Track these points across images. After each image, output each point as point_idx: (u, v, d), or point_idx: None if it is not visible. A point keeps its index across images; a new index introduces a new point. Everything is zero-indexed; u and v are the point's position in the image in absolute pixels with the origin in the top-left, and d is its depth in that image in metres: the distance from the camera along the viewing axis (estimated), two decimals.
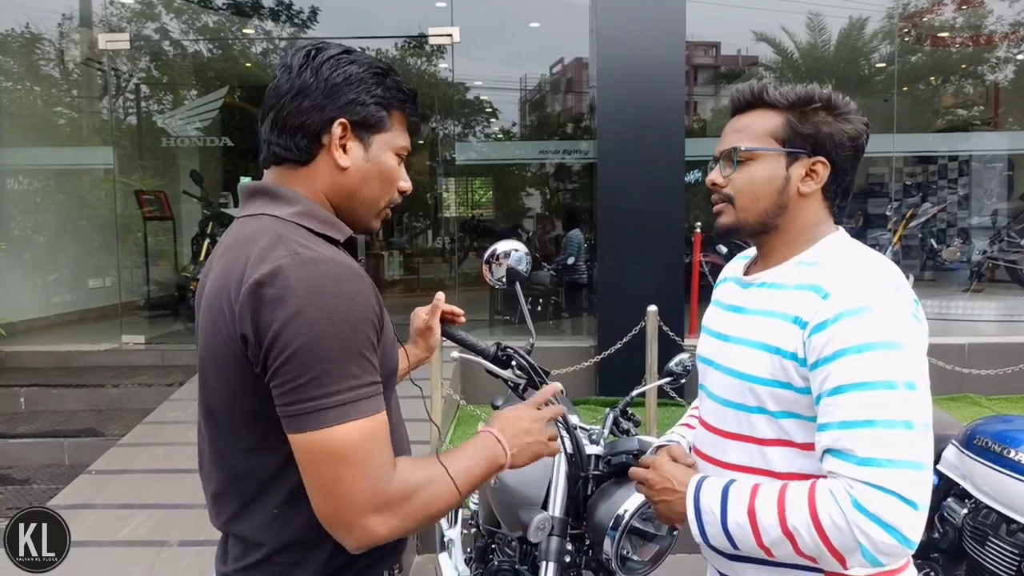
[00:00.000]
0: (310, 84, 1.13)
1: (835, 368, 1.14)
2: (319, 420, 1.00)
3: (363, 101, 1.15)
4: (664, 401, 5.06)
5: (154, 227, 8.63)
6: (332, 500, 1.02)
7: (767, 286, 1.31)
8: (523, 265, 1.81)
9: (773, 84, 1.29)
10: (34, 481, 4.43)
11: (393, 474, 1.06)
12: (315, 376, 1.00)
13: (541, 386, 1.69)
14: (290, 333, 1.00)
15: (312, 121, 1.13)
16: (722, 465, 1.32)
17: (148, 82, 9.47)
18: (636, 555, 1.67)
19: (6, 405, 5.43)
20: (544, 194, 11.54)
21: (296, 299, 1.00)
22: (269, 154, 1.18)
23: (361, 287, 1.06)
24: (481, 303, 8.71)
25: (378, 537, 1.04)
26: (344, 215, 1.21)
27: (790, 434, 1.23)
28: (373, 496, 1.02)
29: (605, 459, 1.74)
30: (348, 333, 1.02)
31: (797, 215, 1.28)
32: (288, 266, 1.02)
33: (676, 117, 5.88)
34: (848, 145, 1.26)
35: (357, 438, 1.01)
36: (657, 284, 5.60)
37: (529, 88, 10.97)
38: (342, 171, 1.16)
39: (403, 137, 1.22)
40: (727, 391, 1.32)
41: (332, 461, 1.01)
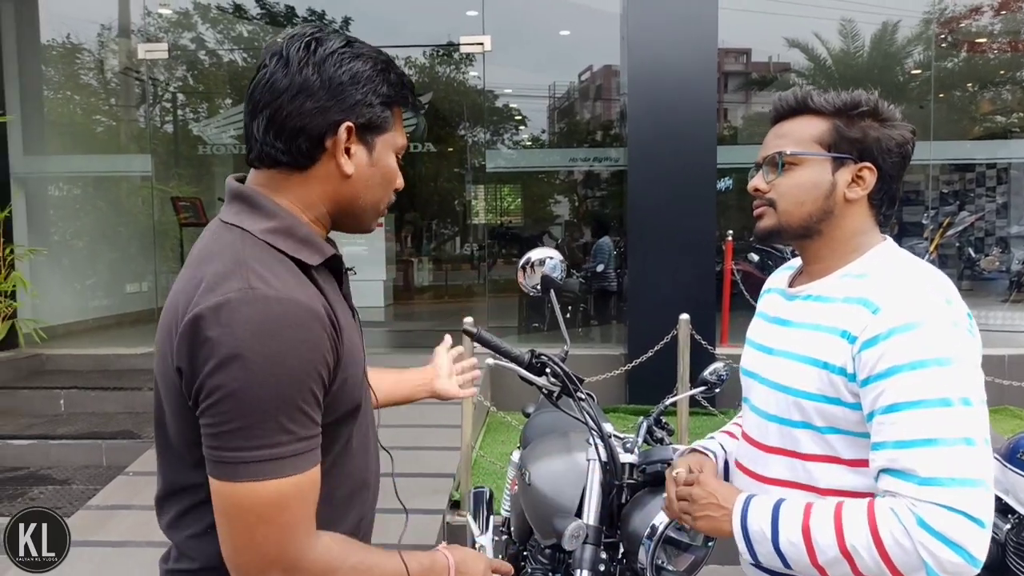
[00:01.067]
0: (313, 82, 1.02)
1: (889, 386, 1.12)
2: (237, 472, 0.94)
3: (370, 102, 1.06)
4: (696, 410, 5.03)
5: (190, 233, 8.76)
6: (240, 554, 0.97)
7: (813, 299, 1.29)
8: (558, 272, 1.82)
9: (817, 91, 1.28)
10: (73, 482, 4.52)
11: (313, 542, 1.00)
12: (242, 427, 0.92)
13: (575, 394, 1.70)
14: (223, 376, 0.92)
15: (315, 124, 1.03)
16: (763, 480, 1.32)
17: (184, 91, 9.65)
18: (671, 565, 1.66)
19: (46, 407, 5.55)
20: (573, 201, 11.53)
21: (236, 340, 0.92)
22: (261, 155, 1.06)
23: (313, 332, 0.96)
24: (511, 310, 8.72)
25: None
26: (341, 221, 1.13)
27: (836, 450, 1.22)
28: (282, 558, 0.97)
29: (640, 468, 1.74)
30: (287, 385, 0.94)
31: (842, 221, 1.27)
32: (236, 301, 0.93)
33: (708, 124, 5.86)
34: (895, 152, 1.25)
35: (275, 497, 0.94)
36: (688, 292, 5.57)
37: (558, 96, 10.99)
38: (346, 178, 1.07)
39: (402, 135, 1.15)
40: (771, 405, 1.31)
41: (244, 515, 0.95)
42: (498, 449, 4.66)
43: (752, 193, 1.34)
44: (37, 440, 4.91)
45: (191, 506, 1.07)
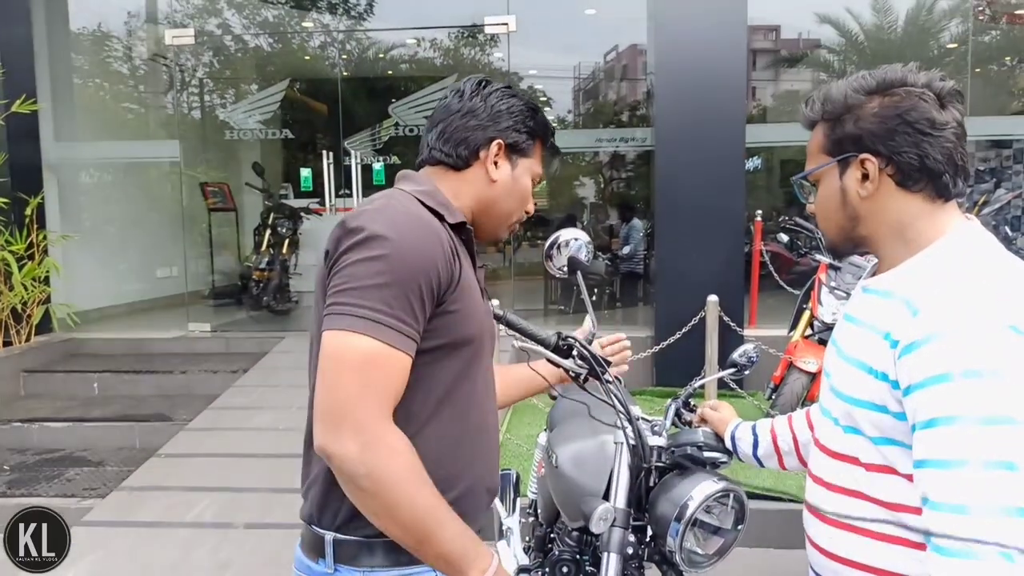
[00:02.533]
0: (478, 107, 1.34)
1: (925, 398, 1.01)
2: (339, 322, 1.11)
3: (518, 128, 1.36)
4: (724, 392, 4.98)
5: (218, 218, 8.87)
6: (328, 394, 1.12)
7: (876, 293, 1.19)
8: (584, 254, 1.79)
9: (813, 96, 1.21)
10: (107, 463, 4.61)
11: (385, 418, 1.12)
12: (355, 287, 1.12)
13: (602, 376, 1.68)
14: (356, 251, 1.14)
15: (475, 137, 1.33)
16: (831, 487, 1.22)
17: (211, 76, 9.71)
18: (700, 548, 1.64)
19: (81, 390, 5.66)
20: (599, 183, 11.45)
21: (371, 229, 1.14)
22: (428, 156, 1.37)
23: (432, 246, 1.17)
24: (536, 292, 8.71)
25: (335, 450, 1.09)
26: (480, 222, 1.38)
27: (892, 462, 1.11)
28: (356, 410, 1.09)
29: (668, 450, 1.71)
30: (401, 271, 1.12)
31: (879, 219, 1.16)
32: (377, 208, 1.19)
33: (737, 103, 5.76)
34: (895, 127, 1.11)
35: (365, 352, 1.10)
36: (716, 273, 5.50)
37: (584, 76, 10.88)
38: (491, 183, 1.35)
39: (539, 165, 1.43)
40: (835, 408, 1.22)
41: (337, 360, 1.11)
42: (524, 431, 4.66)
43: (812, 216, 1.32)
44: (72, 423, 5.02)
45: None
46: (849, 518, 1.18)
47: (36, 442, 4.94)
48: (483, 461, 1.34)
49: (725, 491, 1.61)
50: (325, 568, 1.24)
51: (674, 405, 1.97)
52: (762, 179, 8.23)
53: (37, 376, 5.78)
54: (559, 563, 1.87)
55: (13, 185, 6.04)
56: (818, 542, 1.25)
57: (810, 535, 1.28)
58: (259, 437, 4.40)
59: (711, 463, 1.70)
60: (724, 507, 1.64)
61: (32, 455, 4.78)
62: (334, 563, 1.23)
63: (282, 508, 3.62)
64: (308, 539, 1.28)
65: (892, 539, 1.12)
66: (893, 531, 1.12)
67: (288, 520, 3.49)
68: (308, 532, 1.28)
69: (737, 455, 1.68)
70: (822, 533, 1.23)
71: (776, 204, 9.82)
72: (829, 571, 1.23)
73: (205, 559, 3.24)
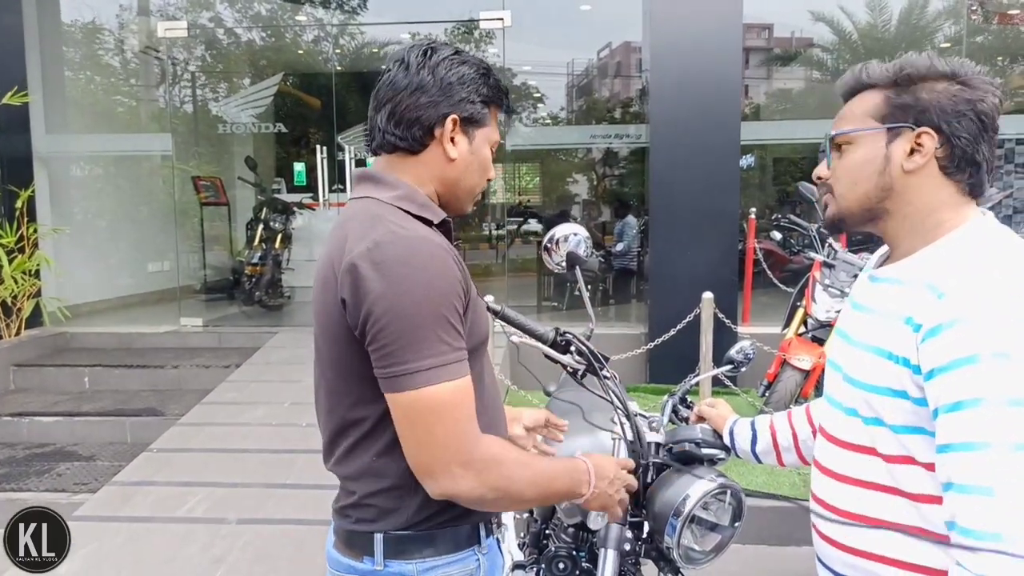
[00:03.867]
0: (427, 82, 1.24)
1: (949, 381, 1.01)
2: (413, 381, 1.12)
3: (472, 99, 1.27)
4: (718, 389, 4.99)
5: (210, 212, 8.81)
6: (424, 451, 1.15)
7: (891, 282, 1.18)
8: (583, 249, 1.79)
9: (873, 64, 1.19)
10: (98, 458, 4.58)
11: (479, 438, 1.18)
12: (408, 342, 1.11)
13: (600, 372, 1.67)
14: (386, 303, 1.11)
15: (427, 115, 1.25)
16: (845, 480, 1.20)
17: (204, 70, 9.65)
18: (697, 545, 1.64)
19: (71, 384, 5.62)
20: (592, 180, 11.45)
21: (391, 271, 1.11)
22: (383, 142, 1.28)
23: (449, 263, 1.16)
24: (529, 289, 8.70)
25: (459, 489, 1.16)
26: (445, 200, 1.33)
27: (912, 451, 1.10)
28: (458, 450, 1.14)
29: (666, 447, 1.71)
30: (438, 303, 1.12)
31: (910, 197, 1.15)
32: (385, 242, 1.13)
33: (732, 100, 5.77)
34: (966, 112, 1.11)
35: (447, 398, 1.13)
36: (711, 271, 5.51)
37: (578, 73, 10.87)
38: (450, 162, 1.29)
39: (496, 131, 1.36)
40: (848, 399, 1.20)
41: (424, 417, 1.13)
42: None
43: (815, 182, 1.28)
44: (63, 417, 4.99)
45: (358, 440, 1.24)
46: (866, 510, 1.17)
47: (26, 436, 4.90)
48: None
49: (723, 488, 1.61)
50: (373, 566, 1.24)
51: (671, 401, 1.97)
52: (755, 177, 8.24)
53: (27, 370, 5.74)
54: (555, 559, 1.87)
55: (3, 178, 6.01)
56: (829, 535, 1.23)
57: (820, 529, 1.26)
58: (252, 432, 4.38)
59: (709, 460, 1.70)
60: (722, 504, 1.64)
61: (22, 449, 4.75)
62: (384, 559, 1.23)
63: (275, 503, 3.61)
64: (348, 538, 1.28)
65: (912, 529, 1.11)
66: (914, 521, 1.11)
67: (281, 515, 3.49)
68: (347, 532, 1.28)
69: (735, 451, 1.68)
70: (834, 527, 1.22)
71: (769, 202, 9.85)
72: (842, 564, 1.21)
73: (198, 554, 3.23)
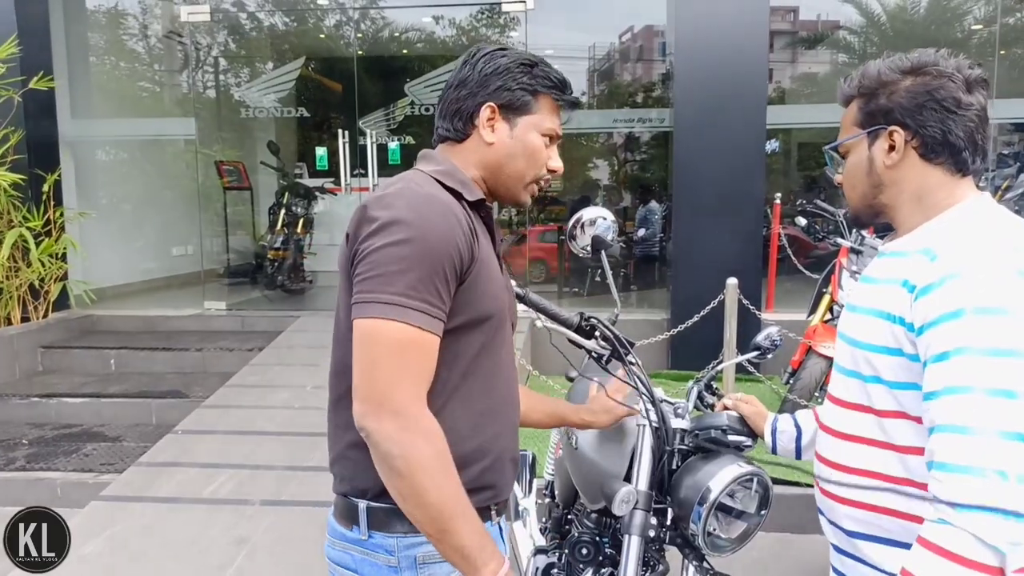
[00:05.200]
0: (468, 76, 1.34)
1: (937, 334, 1.11)
2: (369, 310, 1.14)
3: (509, 87, 1.32)
4: (742, 376, 4.96)
5: (233, 197, 8.86)
6: (363, 383, 1.15)
7: (892, 255, 1.30)
8: (610, 234, 1.77)
9: (851, 75, 1.33)
10: (124, 439, 4.65)
11: (422, 404, 1.16)
12: (381, 274, 1.14)
13: (626, 358, 1.65)
14: (376, 238, 1.16)
15: (466, 106, 1.33)
16: (843, 437, 1.31)
17: (226, 55, 9.67)
18: (723, 532, 1.63)
19: (98, 366, 5.70)
20: (613, 165, 11.36)
21: (390, 213, 1.16)
22: (436, 135, 1.39)
23: (451, 226, 1.18)
24: (549, 275, 8.68)
25: (376, 431, 1.13)
26: (494, 187, 1.38)
27: (905, 406, 1.20)
28: (392, 399, 1.13)
29: (692, 433, 1.70)
30: (424, 254, 1.14)
31: (900, 187, 1.27)
32: (395, 193, 1.20)
33: (759, 84, 5.68)
34: (927, 103, 1.22)
35: (398, 337, 1.13)
36: (734, 257, 5.46)
37: (600, 57, 10.76)
38: (488, 146, 1.34)
39: (550, 120, 1.37)
40: (848, 360, 1.32)
41: (371, 347, 1.14)
42: None
43: (838, 187, 1.40)
44: (90, 398, 5.05)
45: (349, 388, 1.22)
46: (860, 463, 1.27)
47: (54, 417, 4.98)
48: (508, 433, 1.37)
49: (750, 475, 1.59)
50: (359, 535, 1.27)
51: (696, 388, 1.95)
52: (780, 162, 8.14)
53: (55, 352, 5.82)
54: (578, 544, 1.86)
55: (30, 162, 6.06)
56: (832, 491, 1.33)
57: (822, 487, 1.37)
58: (275, 415, 4.42)
59: (735, 447, 1.68)
60: (748, 491, 1.62)
61: (51, 430, 4.83)
62: (368, 529, 1.26)
63: (297, 485, 3.64)
64: (341, 507, 1.32)
65: (899, 481, 1.22)
66: (899, 473, 1.22)
67: (303, 497, 3.52)
68: (341, 501, 1.32)
69: (774, 448, 1.65)
70: (835, 483, 1.32)
71: (793, 188, 9.72)
72: (845, 517, 1.31)
73: (222, 535, 3.26)
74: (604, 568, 1.88)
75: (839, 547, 1.36)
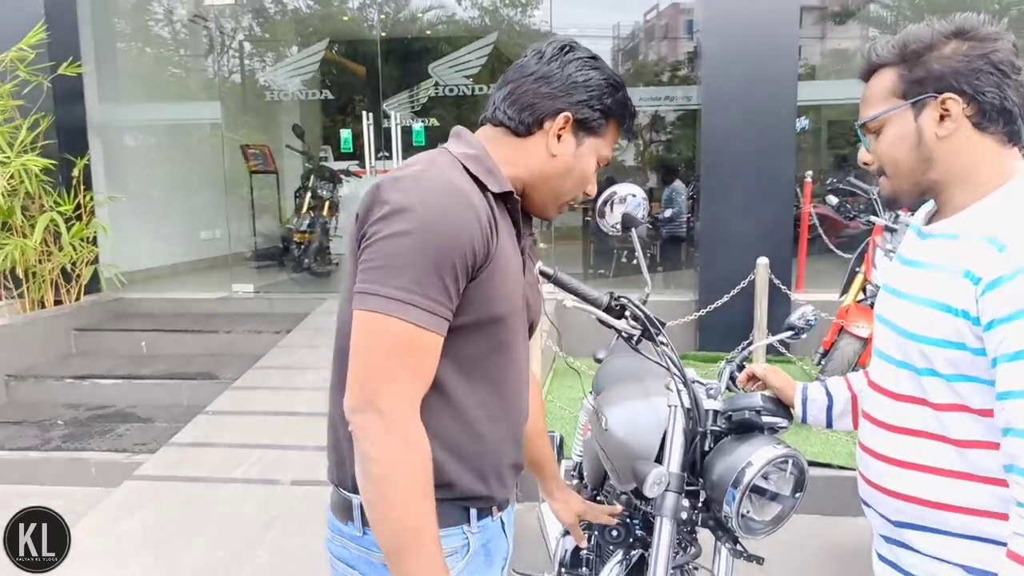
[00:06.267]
0: (554, 74, 1.24)
1: (1012, 331, 1.03)
2: (369, 302, 1.08)
3: (592, 105, 1.25)
4: (772, 357, 4.90)
5: (259, 180, 8.91)
6: (354, 376, 1.10)
7: (945, 236, 1.20)
8: (641, 211, 1.74)
9: (880, 42, 1.21)
10: (156, 420, 4.71)
11: (410, 412, 1.10)
12: (385, 266, 1.08)
13: (657, 338, 1.62)
14: (384, 224, 1.08)
15: (543, 105, 1.23)
16: (893, 429, 1.25)
17: (251, 39, 9.69)
18: (757, 515, 1.60)
19: (130, 348, 5.78)
20: (638, 145, 11.24)
21: (402, 199, 1.09)
22: (493, 115, 1.28)
23: (466, 220, 1.10)
24: (574, 256, 8.63)
25: (357, 425, 1.09)
26: (528, 194, 1.29)
27: (965, 399, 1.14)
28: (378, 398, 1.07)
29: (725, 414, 1.67)
30: (433, 248, 1.07)
31: (950, 161, 1.17)
32: (411, 177, 1.12)
33: (789, 59, 5.55)
34: (981, 67, 1.13)
35: (395, 334, 1.07)
36: (764, 236, 5.37)
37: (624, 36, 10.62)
38: (551, 157, 1.25)
39: (609, 148, 1.32)
40: (898, 351, 1.24)
41: (367, 341, 1.09)
42: (566, 394, 4.64)
43: (863, 167, 1.32)
44: (122, 380, 5.13)
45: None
46: (914, 457, 1.21)
47: (88, 398, 5.07)
48: (512, 439, 1.31)
49: (785, 457, 1.56)
50: (354, 531, 1.24)
51: (727, 368, 1.91)
52: (809, 140, 7.97)
53: (87, 334, 5.91)
54: (608, 526, 1.85)
55: (60, 147, 6.12)
56: (878, 482, 1.27)
57: (867, 476, 1.31)
58: (303, 396, 4.45)
59: (769, 428, 1.65)
60: (783, 473, 1.60)
61: (84, 411, 4.91)
62: (362, 525, 1.22)
63: (325, 466, 3.66)
64: (337, 501, 1.29)
65: (959, 475, 1.16)
66: (959, 467, 1.16)
67: None
68: (336, 494, 1.29)
69: (804, 418, 1.61)
70: (882, 474, 1.26)
71: (823, 166, 9.54)
72: (891, 509, 1.25)
73: (252, 514, 3.30)
74: (634, 550, 1.87)
75: (885, 535, 1.32)
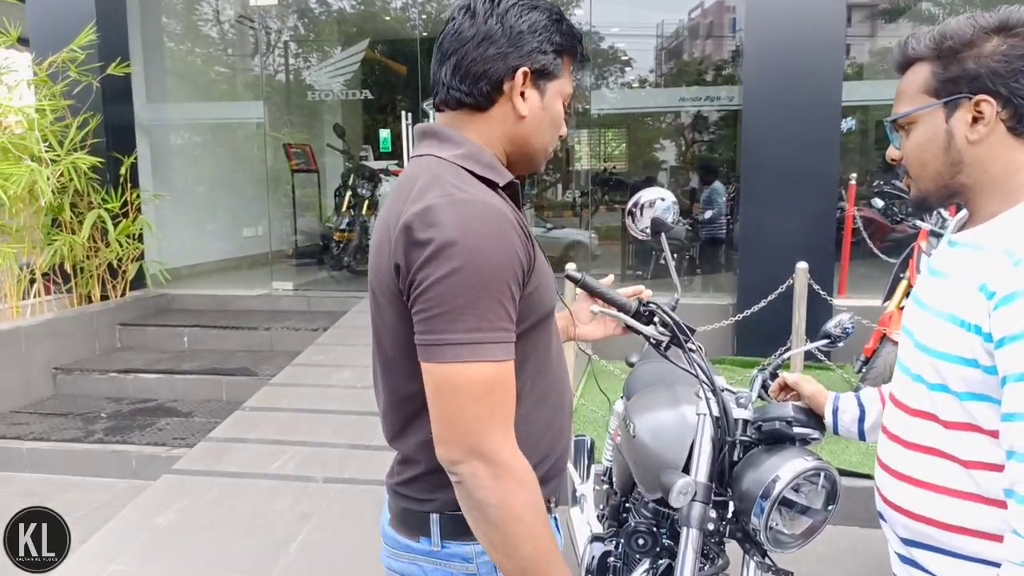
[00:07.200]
0: (495, 31, 1.14)
1: (1019, 350, 0.98)
2: (444, 353, 1.02)
3: (544, 49, 1.16)
4: (811, 364, 4.80)
5: (301, 179, 9.03)
6: (447, 432, 1.05)
7: (970, 247, 1.14)
8: (670, 215, 1.70)
9: (919, 33, 1.13)
10: (196, 415, 4.80)
11: (512, 444, 1.06)
12: (447, 311, 1.01)
13: (685, 344, 1.59)
14: (432, 267, 1.01)
15: (496, 69, 1.14)
16: (907, 445, 1.20)
17: (294, 39, 9.82)
18: (786, 528, 1.56)
19: (172, 344, 5.91)
20: (680, 145, 11.11)
21: (443, 236, 1.01)
22: (447, 97, 1.18)
23: (508, 233, 1.05)
24: (613, 258, 8.58)
25: (465, 478, 1.04)
26: (514, 160, 1.23)
27: (976, 419, 1.08)
28: (482, 445, 1.03)
29: (755, 424, 1.63)
30: (488, 276, 1.02)
31: (983, 166, 1.10)
32: (440, 205, 1.03)
33: (835, 59, 5.43)
34: (1021, 68, 1.05)
35: (480, 378, 1.03)
36: (805, 239, 5.27)
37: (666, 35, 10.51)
38: (520, 119, 1.18)
39: (570, 84, 1.23)
40: (915, 364, 1.19)
41: (453, 394, 1.03)
42: (599, 398, 4.60)
43: (891, 163, 1.23)
44: (164, 375, 5.24)
45: (413, 416, 1.16)
46: (923, 475, 1.16)
47: (131, 392, 5.19)
48: (566, 433, 1.29)
49: (816, 470, 1.52)
50: (430, 546, 1.20)
51: (760, 377, 1.87)
52: (855, 140, 7.76)
53: (131, 329, 6.06)
54: (635, 534, 1.82)
55: (108, 145, 6.28)
56: (891, 499, 1.24)
57: (883, 492, 1.27)
58: (338, 394, 4.49)
59: (801, 439, 1.60)
60: (814, 486, 1.55)
61: (127, 404, 5.03)
62: (441, 540, 1.19)
63: (359, 464, 3.69)
64: (403, 517, 1.23)
65: (966, 496, 1.11)
66: (967, 488, 1.11)
67: (365, 476, 3.57)
68: (403, 512, 1.23)
69: (836, 429, 1.57)
70: (896, 491, 1.22)
71: (869, 168, 9.33)
72: (903, 527, 1.22)
73: (286, 510, 3.34)
74: (661, 559, 1.83)
75: (898, 552, 1.27)
